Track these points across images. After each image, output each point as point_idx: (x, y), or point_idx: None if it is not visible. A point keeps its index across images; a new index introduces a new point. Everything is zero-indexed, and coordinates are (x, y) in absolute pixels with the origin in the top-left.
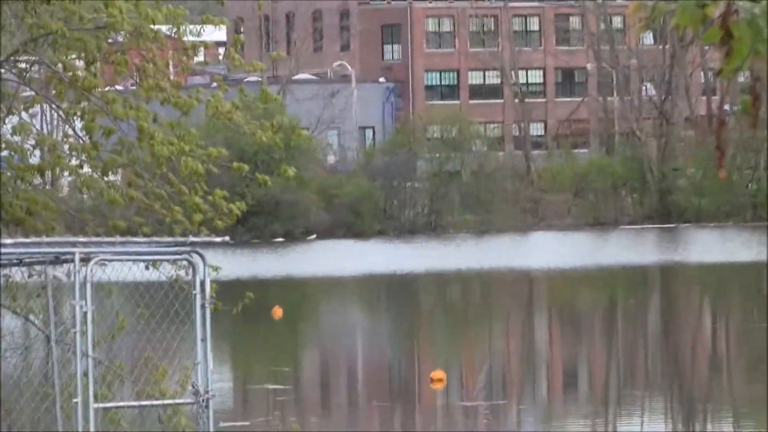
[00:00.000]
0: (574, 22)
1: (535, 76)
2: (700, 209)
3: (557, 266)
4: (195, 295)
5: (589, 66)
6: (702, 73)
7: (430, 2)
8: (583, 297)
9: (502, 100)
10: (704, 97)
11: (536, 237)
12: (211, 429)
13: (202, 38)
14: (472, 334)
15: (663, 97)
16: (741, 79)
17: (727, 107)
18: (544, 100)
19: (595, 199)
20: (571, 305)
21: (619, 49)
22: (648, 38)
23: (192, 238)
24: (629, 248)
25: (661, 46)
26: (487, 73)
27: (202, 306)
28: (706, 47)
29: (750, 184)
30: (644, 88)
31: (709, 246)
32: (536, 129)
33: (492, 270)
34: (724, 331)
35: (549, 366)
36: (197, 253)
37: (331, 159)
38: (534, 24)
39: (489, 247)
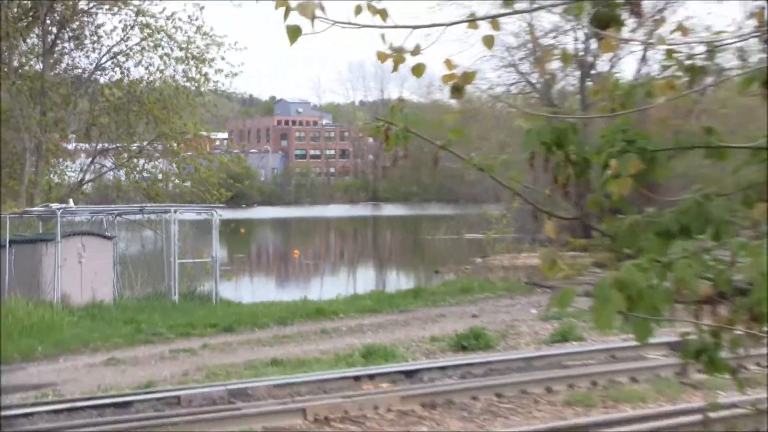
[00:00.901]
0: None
1: (332, 153)
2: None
3: (338, 215)
4: (213, 224)
5: (351, 149)
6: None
7: (296, 127)
8: (357, 227)
9: (320, 160)
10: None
11: (331, 207)
12: (218, 272)
13: (218, 136)
14: (305, 241)
15: (375, 161)
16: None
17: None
18: (335, 160)
19: (351, 191)
20: (353, 230)
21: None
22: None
23: (213, 205)
24: (368, 209)
25: (378, 142)
26: (314, 150)
27: (216, 228)
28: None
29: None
30: (370, 157)
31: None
32: (333, 170)
33: (313, 216)
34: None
35: (342, 249)
36: (215, 209)
37: (262, 179)
38: (333, 135)
39: (310, 208)
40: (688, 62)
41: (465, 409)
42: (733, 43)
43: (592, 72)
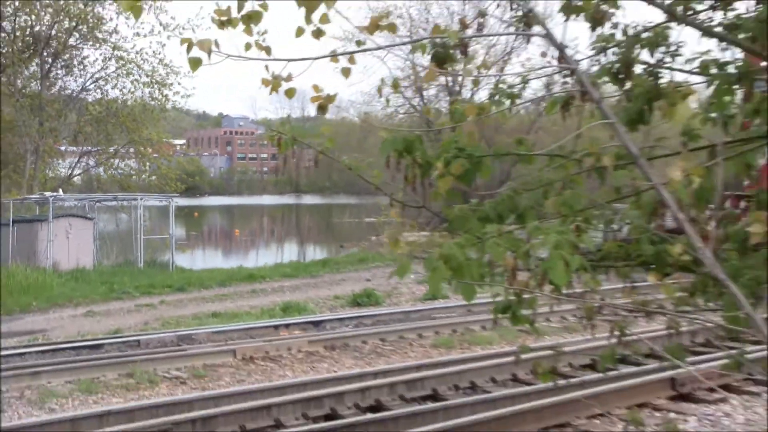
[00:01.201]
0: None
1: (265, 156)
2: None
3: (269, 203)
4: (170, 209)
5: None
6: None
7: (238, 136)
8: (284, 213)
9: (256, 161)
10: None
11: (264, 197)
12: (174, 246)
13: (177, 142)
14: (244, 223)
15: (298, 162)
16: None
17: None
18: (267, 161)
19: (279, 185)
20: (281, 215)
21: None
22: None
23: (171, 194)
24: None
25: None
26: (252, 154)
27: (174, 213)
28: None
29: None
30: (294, 159)
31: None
32: (266, 169)
33: (250, 204)
34: (331, 223)
35: (272, 229)
36: (172, 198)
37: (212, 175)
38: (266, 142)
39: (248, 198)
40: (509, 90)
41: (357, 350)
42: (541, 76)
43: (459, 98)
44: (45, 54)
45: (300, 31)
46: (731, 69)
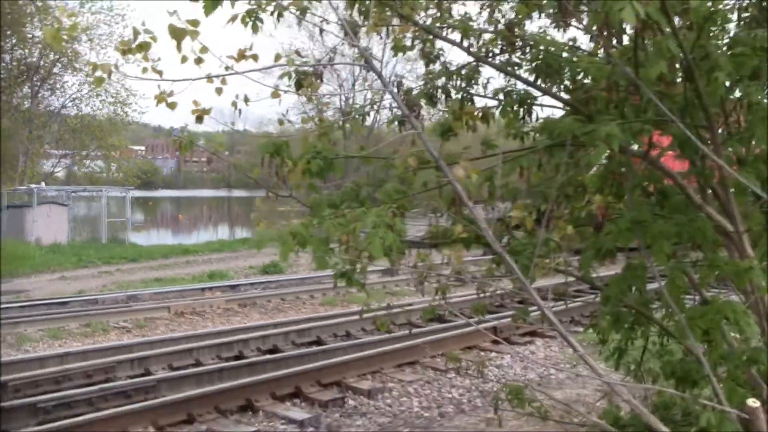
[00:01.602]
0: None
1: (204, 159)
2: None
3: (207, 195)
4: (127, 199)
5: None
6: None
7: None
8: (219, 203)
9: (199, 163)
10: None
11: (203, 191)
12: (130, 226)
13: (137, 148)
14: (188, 210)
15: (228, 164)
16: None
17: None
18: (206, 162)
19: (215, 181)
20: (216, 204)
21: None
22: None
23: (129, 187)
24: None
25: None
26: (194, 158)
27: (130, 202)
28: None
29: None
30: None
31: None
32: (205, 169)
33: (193, 196)
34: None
35: (209, 215)
36: (129, 190)
37: (165, 173)
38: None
39: (191, 191)
40: (359, 110)
41: (263, 307)
42: (381, 100)
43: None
44: (35, 79)
45: (184, 59)
46: (514, 96)
